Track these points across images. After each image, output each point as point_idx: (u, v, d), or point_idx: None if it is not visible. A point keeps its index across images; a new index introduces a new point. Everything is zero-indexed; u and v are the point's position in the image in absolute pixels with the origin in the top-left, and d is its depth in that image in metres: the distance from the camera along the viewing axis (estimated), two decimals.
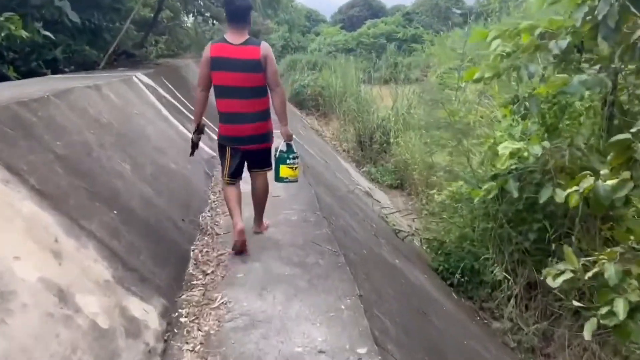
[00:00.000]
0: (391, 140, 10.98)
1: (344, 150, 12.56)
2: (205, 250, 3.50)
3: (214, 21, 13.76)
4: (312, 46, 42.48)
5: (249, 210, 3.70)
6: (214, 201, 4.63)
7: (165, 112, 5.90)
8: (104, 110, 4.09)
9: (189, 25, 14.11)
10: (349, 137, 12.67)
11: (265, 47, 3.22)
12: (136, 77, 5.92)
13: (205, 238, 3.72)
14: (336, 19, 49.04)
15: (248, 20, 3.29)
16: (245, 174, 3.59)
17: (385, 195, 9.86)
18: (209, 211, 4.33)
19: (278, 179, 3.53)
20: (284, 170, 3.47)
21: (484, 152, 5.35)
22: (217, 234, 3.83)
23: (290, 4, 20.41)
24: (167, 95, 6.84)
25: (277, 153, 3.47)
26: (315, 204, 4.44)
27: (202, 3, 12.41)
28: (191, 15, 13.01)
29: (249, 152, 3.45)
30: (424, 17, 44.28)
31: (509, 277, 4.57)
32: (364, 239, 4.56)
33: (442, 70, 23.44)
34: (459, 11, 44.89)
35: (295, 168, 3.49)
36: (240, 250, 3.37)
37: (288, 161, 3.46)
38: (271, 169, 3.56)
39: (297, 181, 3.60)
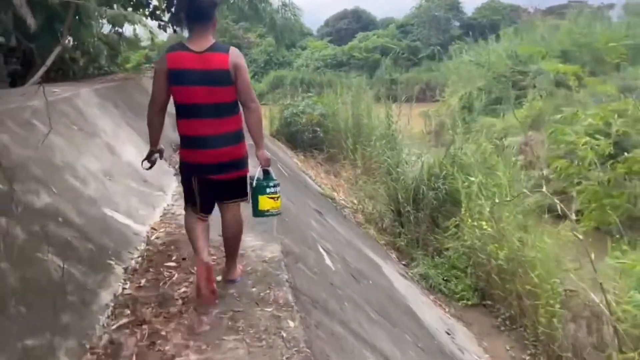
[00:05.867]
0: (462, 211, 6.24)
1: (368, 222, 7.80)
2: None
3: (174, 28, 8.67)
4: (298, 62, 38.14)
5: None
6: None
7: None
8: None
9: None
10: (379, 204, 7.86)
11: (234, 54, 2.57)
12: None
13: None
14: (323, 32, 45.08)
15: (213, 19, 2.60)
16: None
17: (473, 338, 5.17)
18: None
19: (257, 213, 2.85)
20: (264, 202, 2.82)
21: None
22: None
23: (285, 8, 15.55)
24: None
25: (254, 182, 2.82)
26: None
27: None
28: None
29: (218, 182, 2.72)
30: (420, 30, 40.60)
31: None
32: None
33: (467, 90, 18.94)
34: (458, 23, 41.31)
35: (277, 198, 2.86)
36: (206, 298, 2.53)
37: (268, 190, 2.82)
38: (246, 199, 2.85)
39: (280, 213, 2.96)
